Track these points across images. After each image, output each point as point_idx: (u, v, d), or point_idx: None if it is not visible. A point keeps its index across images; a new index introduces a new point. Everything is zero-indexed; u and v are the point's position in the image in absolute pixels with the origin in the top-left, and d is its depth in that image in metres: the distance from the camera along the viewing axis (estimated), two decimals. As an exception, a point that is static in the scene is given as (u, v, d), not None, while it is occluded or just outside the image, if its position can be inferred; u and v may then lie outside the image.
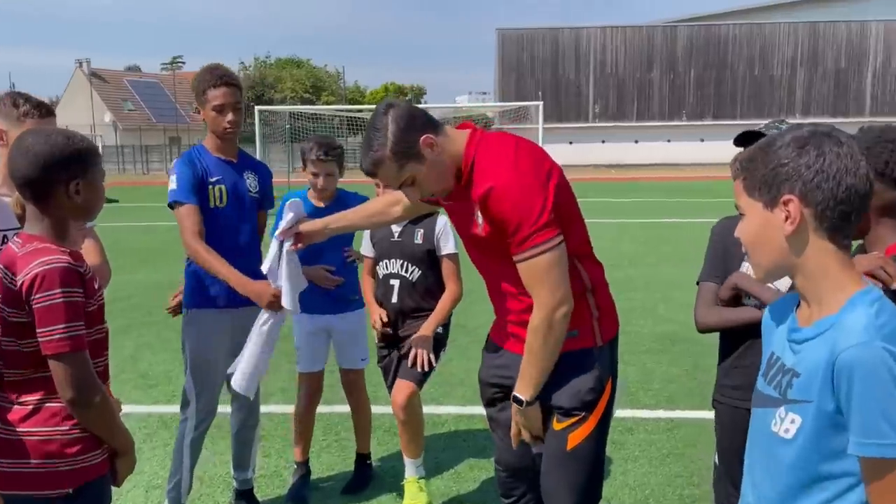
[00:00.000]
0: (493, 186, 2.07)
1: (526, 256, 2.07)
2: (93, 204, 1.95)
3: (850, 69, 43.95)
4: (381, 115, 2.13)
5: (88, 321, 1.86)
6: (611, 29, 45.20)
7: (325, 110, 34.27)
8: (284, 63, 55.80)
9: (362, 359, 3.83)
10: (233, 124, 3.16)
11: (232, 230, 3.22)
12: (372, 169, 2.17)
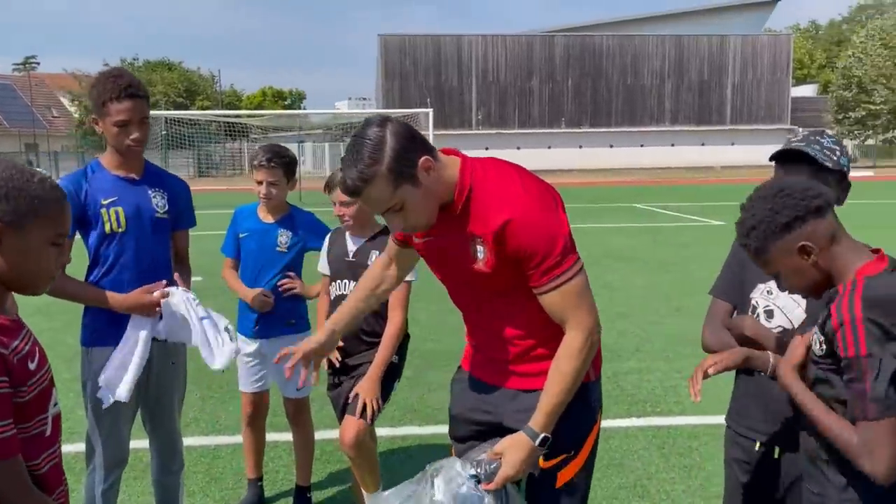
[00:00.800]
0: (511, 218, 1.90)
1: (557, 284, 1.94)
2: (20, 271, 1.52)
3: (713, 80, 46.94)
4: (375, 127, 1.89)
5: (22, 414, 1.46)
6: (492, 37, 46.09)
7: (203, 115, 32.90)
8: (154, 66, 53.15)
9: (298, 388, 3.57)
10: (137, 142, 2.78)
11: (135, 257, 2.85)
12: (361, 185, 1.88)
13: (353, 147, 1.90)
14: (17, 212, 1.47)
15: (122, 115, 2.71)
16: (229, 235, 3.60)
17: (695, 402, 2.13)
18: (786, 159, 2.19)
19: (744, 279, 2.34)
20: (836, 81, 47.24)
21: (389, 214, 1.98)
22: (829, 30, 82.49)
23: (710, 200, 22.77)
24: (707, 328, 2.38)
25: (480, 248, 1.99)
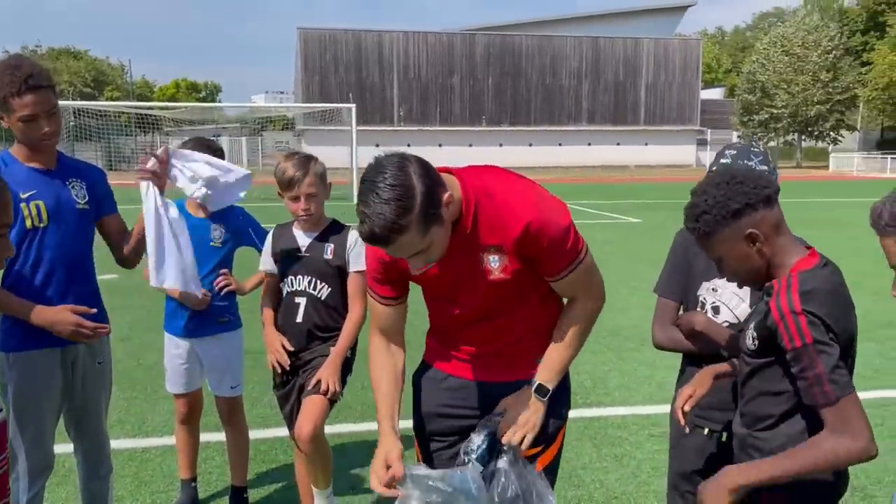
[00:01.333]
0: (530, 220, 1.93)
1: (573, 267, 2.04)
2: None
3: (628, 82, 48.37)
4: (397, 171, 1.76)
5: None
6: (413, 34, 46.07)
7: (113, 106, 31.57)
8: (59, 53, 50.72)
9: (232, 386, 3.51)
10: (50, 135, 2.60)
11: (60, 251, 2.71)
12: (392, 236, 1.77)
13: (375, 193, 1.75)
14: None
15: (27, 110, 2.52)
16: None
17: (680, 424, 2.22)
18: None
19: (689, 277, 2.43)
20: (741, 85, 49.47)
21: (415, 257, 1.89)
22: (735, 36, 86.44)
23: (626, 198, 23.49)
24: (656, 326, 2.46)
25: (495, 258, 2.00)
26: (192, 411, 3.60)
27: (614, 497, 3.81)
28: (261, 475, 4.01)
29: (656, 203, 22.18)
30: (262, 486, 3.89)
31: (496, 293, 2.08)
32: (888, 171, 40.38)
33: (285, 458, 4.21)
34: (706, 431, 2.42)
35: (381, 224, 1.75)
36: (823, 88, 44.90)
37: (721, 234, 1.88)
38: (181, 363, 3.46)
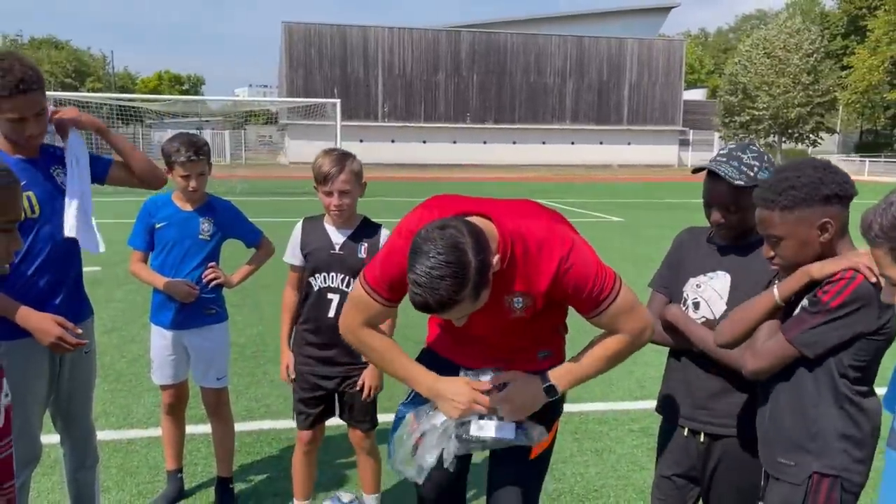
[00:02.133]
0: (559, 268, 1.99)
1: (609, 302, 2.06)
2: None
3: (611, 81, 48.61)
4: (455, 248, 1.79)
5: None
6: (398, 30, 45.99)
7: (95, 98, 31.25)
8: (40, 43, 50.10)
9: (218, 378, 3.56)
10: (36, 136, 2.64)
11: (52, 241, 2.73)
12: (445, 308, 1.84)
13: (430, 267, 1.79)
14: None
15: (16, 113, 2.53)
16: (140, 227, 3.45)
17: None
18: (710, 173, 2.33)
19: (678, 274, 2.50)
20: (723, 87, 49.89)
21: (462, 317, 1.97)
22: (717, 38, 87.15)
23: (608, 197, 23.65)
24: None
25: (520, 300, 2.06)
26: (178, 402, 3.64)
27: (594, 490, 3.89)
28: (245, 467, 4.05)
29: (638, 202, 22.36)
30: (247, 477, 3.93)
31: (516, 329, 2.16)
32: (866, 173, 40.96)
33: (270, 451, 4.26)
34: (686, 432, 2.47)
35: (436, 300, 1.80)
36: (804, 91, 45.38)
37: (799, 213, 1.96)
38: (168, 354, 3.49)
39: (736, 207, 2.30)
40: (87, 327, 2.92)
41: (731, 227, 2.35)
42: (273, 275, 9.16)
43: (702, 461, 2.44)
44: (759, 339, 2.08)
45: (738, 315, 2.16)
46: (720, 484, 2.43)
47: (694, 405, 2.42)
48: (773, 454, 2.12)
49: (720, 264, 2.41)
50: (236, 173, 27.65)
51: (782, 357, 2.02)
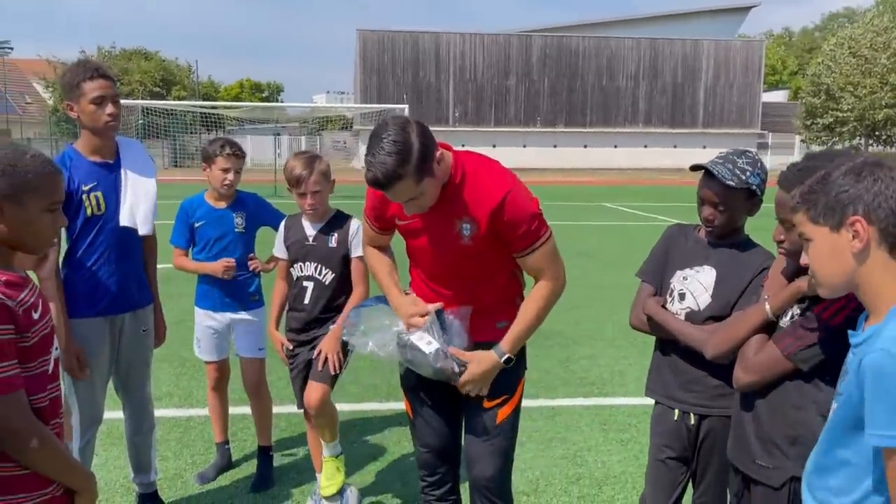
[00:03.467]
0: (505, 195, 2.32)
1: (539, 244, 2.42)
2: (22, 236, 1.76)
3: (686, 84, 47.63)
4: (400, 130, 2.18)
5: (26, 356, 1.70)
6: (470, 35, 46.37)
7: (180, 106, 32.81)
8: (131, 54, 52.70)
9: (259, 348, 3.95)
10: (113, 116, 3.02)
11: (114, 235, 3.13)
12: (391, 183, 2.18)
13: (380, 146, 2.16)
14: (14, 186, 1.72)
15: (97, 92, 2.96)
16: (181, 226, 3.85)
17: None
18: (705, 171, 2.50)
19: (665, 265, 2.67)
20: (805, 88, 48.19)
21: (409, 203, 2.32)
22: (802, 37, 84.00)
23: (677, 201, 23.31)
24: (633, 308, 2.72)
25: (467, 227, 2.38)
26: (222, 378, 4.05)
27: (613, 476, 4.06)
28: (290, 444, 4.42)
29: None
30: (291, 452, 4.30)
31: (465, 260, 2.44)
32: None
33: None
34: (676, 414, 2.60)
35: (383, 172, 2.16)
36: (892, 91, 43.36)
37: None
38: (213, 333, 3.91)
39: (725, 207, 2.46)
40: (147, 312, 3.33)
41: (719, 225, 2.50)
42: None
43: (692, 441, 2.60)
44: (749, 352, 2.16)
45: (729, 328, 2.27)
46: (705, 459, 2.57)
47: (681, 388, 2.58)
48: (749, 455, 2.18)
49: (707, 259, 2.56)
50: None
51: (776, 371, 2.07)
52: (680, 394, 2.59)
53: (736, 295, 2.47)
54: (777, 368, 2.07)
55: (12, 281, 1.73)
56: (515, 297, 2.60)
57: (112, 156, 3.16)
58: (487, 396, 2.55)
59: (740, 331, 2.22)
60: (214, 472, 3.96)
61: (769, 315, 2.15)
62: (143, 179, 3.19)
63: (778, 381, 2.10)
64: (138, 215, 3.16)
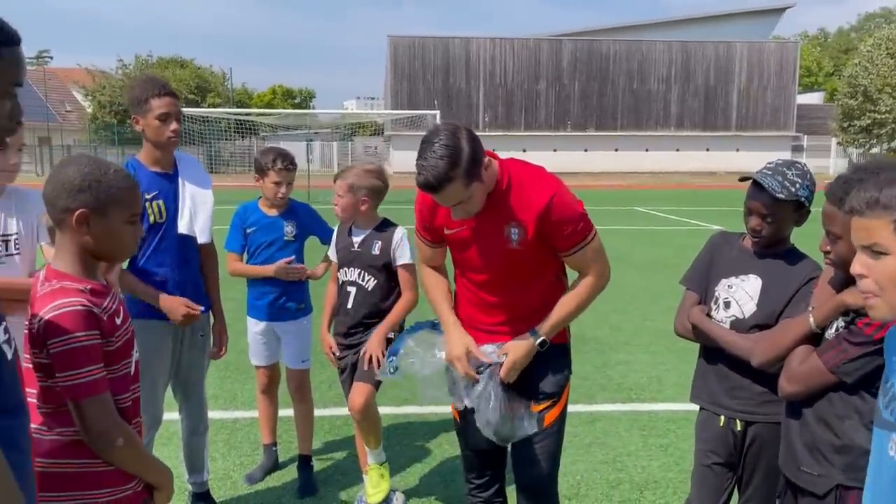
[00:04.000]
0: (551, 196, 2.40)
1: (586, 242, 2.50)
2: (106, 246, 1.87)
3: (719, 86, 47.13)
4: (452, 136, 2.27)
5: (111, 359, 1.82)
6: (500, 40, 46.42)
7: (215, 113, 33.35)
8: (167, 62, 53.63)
9: (303, 360, 4.06)
10: (176, 133, 3.19)
11: (174, 242, 3.27)
12: (442, 186, 2.26)
13: (432, 150, 2.25)
14: (99, 200, 1.83)
15: (164, 109, 3.14)
16: (235, 232, 3.96)
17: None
18: (754, 182, 2.52)
19: (710, 273, 2.70)
20: (841, 90, 47.41)
21: (457, 206, 2.39)
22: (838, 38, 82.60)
23: (710, 205, 23.11)
24: (677, 316, 2.75)
25: (516, 231, 2.46)
26: (271, 382, 4.16)
27: (654, 481, 4.09)
28: (334, 445, 4.52)
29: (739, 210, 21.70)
30: (336, 453, 4.40)
31: (513, 264, 2.51)
32: None
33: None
34: (722, 421, 2.63)
35: (434, 175, 2.25)
36: (932, 92, 42.53)
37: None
38: (263, 340, 4.03)
39: (773, 218, 2.49)
40: (204, 318, 3.46)
41: (767, 236, 2.54)
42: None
43: (738, 447, 2.62)
44: (794, 362, 2.19)
45: (774, 337, 2.31)
46: (751, 465, 2.60)
47: (727, 394, 2.60)
48: (796, 462, 2.21)
49: (752, 268, 2.59)
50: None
51: (819, 382, 2.10)
52: (726, 400, 2.62)
53: (781, 304, 2.50)
54: (820, 380, 2.11)
55: (96, 289, 1.85)
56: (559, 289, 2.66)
57: (171, 167, 3.31)
58: (534, 400, 2.61)
59: (785, 341, 2.25)
60: (262, 473, 4.07)
61: (813, 327, 2.18)
62: (201, 190, 3.33)
63: (822, 391, 2.13)
64: (197, 224, 3.30)
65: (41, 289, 1.81)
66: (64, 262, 1.85)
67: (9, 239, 2.82)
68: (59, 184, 1.81)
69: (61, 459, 1.79)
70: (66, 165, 1.85)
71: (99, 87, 48.45)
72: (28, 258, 2.93)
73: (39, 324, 1.73)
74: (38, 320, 1.74)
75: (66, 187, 1.80)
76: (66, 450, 1.80)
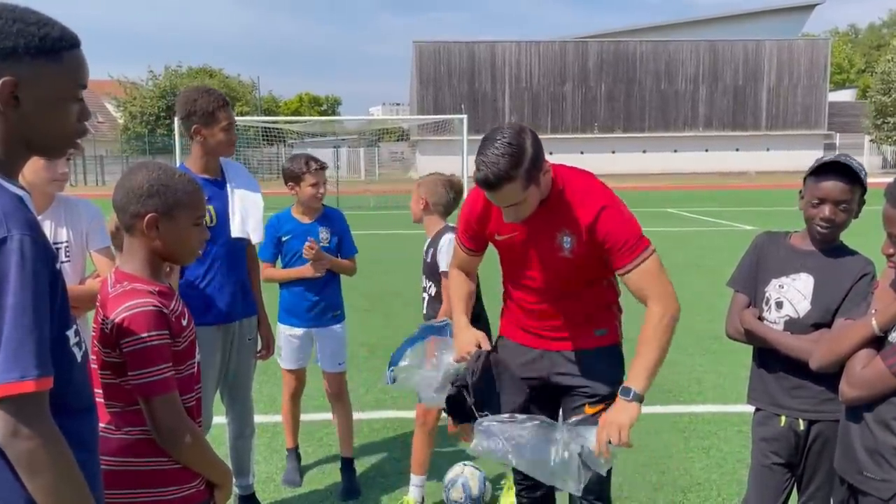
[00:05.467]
0: (604, 206, 2.36)
1: (639, 261, 2.37)
2: (174, 248, 1.93)
3: (748, 85, 46.61)
4: (516, 135, 2.23)
5: (177, 359, 1.87)
6: (525, 44, 46.39)
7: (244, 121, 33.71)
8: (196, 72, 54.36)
9: (339, 363, 4.08)
10: (234, 142, 3.31)
11: (224, 246, 3.32)
12: (500, 184, 2.22)
13: (494, 147, 2.21)
14: (167, 204, 1.88)
15: (229, 120, 3.23)
16: (268, 240, 3.93)
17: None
18: (827, 171, 2.47)
19: (758, 274, 2.67)
20: (874, 86, 46.60)
21: (510, 208, 2.34)
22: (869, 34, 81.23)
23: (742, 206, 22.83)
24: (728, 318, 2.73)
25: (567, 239, 2.42)
26: (299, 386, 4.22)
27: (697, 483, 4.05)
28: (374, 447, 4.54)
29: (773, 211, 21.45)
30: (375, 455, 4.43)
31: (565, 272, 2.47)
32: None
33: (394, 434, 4.76)
34: (783, 420, 2.60)
35: (494, 172, 2.20)
36: (968, 87, 41.64)
37: None
38: (298, 344, 4.07)
39: (848, 205, 2.46)
40: (252, 321, 3.50)
41: (837, 226, 2.49)
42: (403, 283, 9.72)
43: (801, 447, 2.59)
44: (856, 366, 2.15)
45: (834, 341, 2.28)
46: (813, 464, 2.57)
47: (787, 394, 2.57)
48: (856, 466, 2.17)
49: (803, 266, 2.56)
50: (370, 188, 28.95)
51: (883, 387, 2.07)
52: (786, 400, 2.58)
53: (836, 301, 2.47)
54: (884, 385, 2.07)
55: (164, 291, 1.91)
56: (612, 304, 2.65)
57: (219, 174, 3.36)
58: (590, 402, 2.59)
59: (846, 344, 2.21)
60: (298, 474, 4.10)
61: (876, 331, 2.15)
62: (250, 194, 3.38)
63: (885, 395, 2.10)
64: (249, 225, 3.36)
65: (112, 290, 1.86)
66: (133, 266, 1.91)
67: (59, 247, 2.89)
68: (129, 190, 1.87)
69: (128, 458, 1.84)
70: (134, 172, 1.90)
71: (130, 97, 49.25)
72: (78, 266, 2.99)
73: (112, 324, 1.78)
74: (111, 320, 1.79)
75: (135, 193, 1.86)
76: (133, 448, 1.84)
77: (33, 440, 1.33)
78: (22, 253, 1.33)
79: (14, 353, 1.31)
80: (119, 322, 1.78)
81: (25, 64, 1.40)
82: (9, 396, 1.31)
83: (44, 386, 1.34)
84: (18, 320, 1.31)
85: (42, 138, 1.47)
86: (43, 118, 1.44)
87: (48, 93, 1.44)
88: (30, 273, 1.33)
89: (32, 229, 1.37)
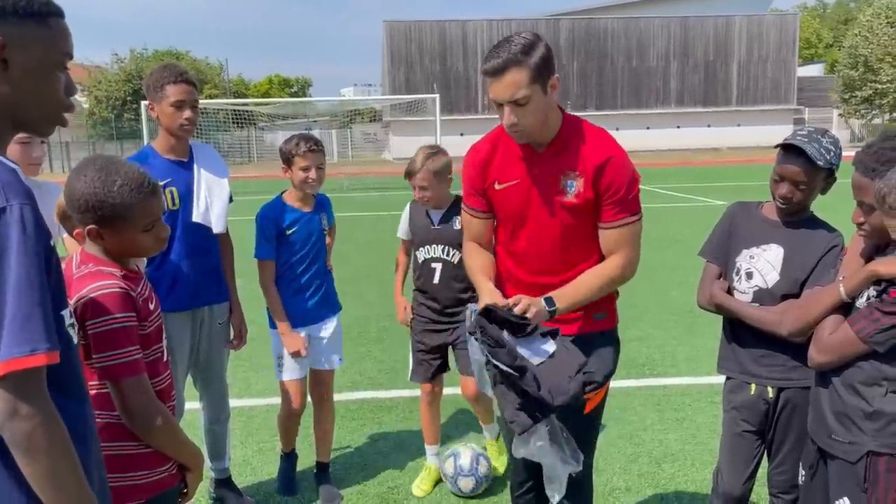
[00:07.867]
0: (613, 156, 2.33)
1: (626, 222, 2.37)
2: (125, 252, 1.91)
3: (718, 61, 46.84)
4: (533, 35, 2.24)
5: (144, 343, 1.84)
6: (497, 22, 46.11)
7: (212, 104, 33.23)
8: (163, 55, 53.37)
9: (340, 359, 3.81)
10: (189, 121, 3.14)
11: (188, 229, 3.23)
12: (508, 67, 2.17)
13: (509, 40, 2.21)
14: (105, 218, 1.82)
15: (178, 96, 3.11)
16: (264, 238, 3.54)
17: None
18: (788, 149, 2.49)
19: (730, 244, 2.69)
20: (842, 61, 47.10)
21: (514, 107, 2.22)
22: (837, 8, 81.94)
23: (714, 181, 23.03)
24: (700, 288, 2.75)
25: (573, 183, 2.35)
26: (301, 399, 3.74)
27: (671, 454, 4.10)
28: (352, 429, 4.53)
29: (744, 185, 21.67)
30: (353, 437, 4.42)
31: (564, 228, 2.39)
32: None
33: (371, 416, 4.75)
34: (753, 389, 2.63)
35: (505, 55, 2.16)
36: (933, 60, 42.23)
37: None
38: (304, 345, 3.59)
39: (807, 185, 2.47)
40: (223, 307, 3.44)
41: (797, 203, 2.51)
42: (376, 266, 9.69)
43: (770, 414, 2.62)
44: (824, 332, 2.19)
45: (803, 307, 2.32)
46: (783, 431, 2.61)
47: (756, 362, 2.61)
48: (826, 430, 2.21)
49: (773, 237, 2.59)
50: (343, 170, 28.77)
51: (851, 352, 2.11)
52: (756, 368, 2.62)
53: (805, 273, 2.49)
54: (852, 350, 2.11)
55: (129, 275, 1.88)
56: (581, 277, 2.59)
57: (186, 155, 3.28)
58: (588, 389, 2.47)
59: (815, 310, 2.25)
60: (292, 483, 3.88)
61: (844, 297, 2.17)
62: (217, 179, 3.30)
63: (853, 360, 2.13)
64: (212, 213, 3.27)
65: (77, 272, 1.82)
66: (97, 249, 1.89)
67: None
68: (70, 198, 1.83)
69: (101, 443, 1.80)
70: (77, 175, 1.83)
71: (95, 82, 48.30)
72: None
73: (78, 305, 1.75)
74: (76, 302, 1.75)
75: (73, 205, 1.82)
76: (102, 433, 1.79)
77: (32, 420, 1.28)
78: (23, 223, 1.28)
79: (22, 326, 1.26)
80: (83, 304, 1.75)
81: (12, 25, 1.35)
82: (16, 371, 1.26)
83: (53, 360, 1.30)
84: (24, 292, 1.26)
85: (29, 108, 1.42)
86: (31, 85, 1.39)
87: (36, 57, 1.38)
88: (32, 244, 1.28)
89: (32, 199, 1.33)
